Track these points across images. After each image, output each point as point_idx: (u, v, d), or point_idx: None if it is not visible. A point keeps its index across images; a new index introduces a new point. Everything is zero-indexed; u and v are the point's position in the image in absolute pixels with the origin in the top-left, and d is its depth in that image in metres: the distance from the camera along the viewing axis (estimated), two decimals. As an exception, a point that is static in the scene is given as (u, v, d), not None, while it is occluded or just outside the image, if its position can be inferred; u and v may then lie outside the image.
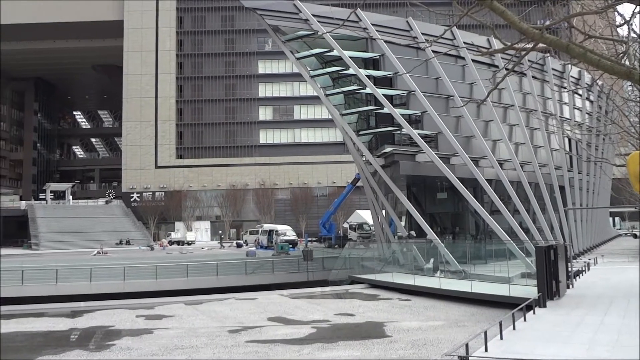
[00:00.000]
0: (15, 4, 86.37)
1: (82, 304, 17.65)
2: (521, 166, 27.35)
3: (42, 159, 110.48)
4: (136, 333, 12.42)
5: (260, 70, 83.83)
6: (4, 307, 16.95)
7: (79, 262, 34.65)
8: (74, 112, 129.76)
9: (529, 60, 28.52)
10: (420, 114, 27.27)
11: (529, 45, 8.45)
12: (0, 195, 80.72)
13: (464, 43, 27.26)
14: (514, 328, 11.31)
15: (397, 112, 25.92)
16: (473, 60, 27.61)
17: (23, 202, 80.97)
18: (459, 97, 26.31)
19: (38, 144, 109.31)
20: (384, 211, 31.60)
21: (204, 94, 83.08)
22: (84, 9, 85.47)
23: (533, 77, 31.76)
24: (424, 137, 25.92)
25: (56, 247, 57.74)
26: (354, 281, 24.42)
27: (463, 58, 28.01)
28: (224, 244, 56.94)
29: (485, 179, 25.50)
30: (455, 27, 20.35)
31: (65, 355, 10.13)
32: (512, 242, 23.02)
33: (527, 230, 26.49)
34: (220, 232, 66.09)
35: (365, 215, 53.78)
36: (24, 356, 10.35)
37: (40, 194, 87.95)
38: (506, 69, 17.12)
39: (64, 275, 27.85)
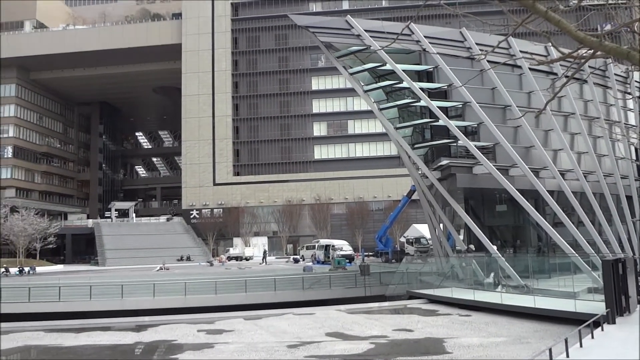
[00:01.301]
0: (81, 33, 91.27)
1: (147, 319, 18.19)
2: (584, 176, 26.32)
3: (107, 178, 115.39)
4: (198, 347, 12.69)
5: (314, 87, 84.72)
6: (75, 321, 17.70)
7: (143, 277, 35.75)
8: (136, 133, 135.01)
9: (589, 67, 27.56)
10: (476, 125, 26.79)
11: (589, 52, 8.19)
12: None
13: (520, 52, 26.69)
14: (580, 345, 10.85)
15: (453, 124, 25.58)
16: (530, 69, 26.95)
17: (90, 220, 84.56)
18: (517, 106, 25.72)
19: (103, 165, 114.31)
20: (441, 225, 31.10)
21: (259, 112, 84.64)
22: (145, 34, 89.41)
23: (595, 83, 30.63)
24: (481, 148, 25.43)
25: (121, 263, 59.86)
26: (412, 296, 24.09)
27: (520, 67, 27.40)
28: (267, 260, 56.90)
29: (547, 190, 24.70)
30: (510, 36, 19.96)
31: (131, 368, 10.46)
32: (576, 255, 22.13)
33: (592, 243, 25.38)
34: (265, 248, 66.12)
35: (422, 229, 53.00)
36: (94, 369, 10.77)
37: (106, 212, 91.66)
38: (566, 77, 16.60)
39: (128, 291, 28.83)
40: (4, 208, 63.30)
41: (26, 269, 48.88)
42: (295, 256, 62.05)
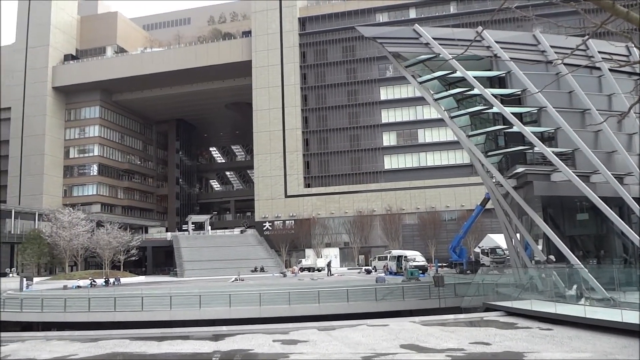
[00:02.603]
0: (157, 55, 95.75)
1: (224, 328, 18.66)
2: (674, 181, 24.69)
3: (183, 193, 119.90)
4: (273, 357, 12.90)
5: (383, 97, 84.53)
6: (157, 329, 18.44)
7: (219, 288, 36.70)
8: (210, 149, 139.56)
9: (677, 65, 25.96)
10: (553, 130, 25.78)
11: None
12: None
13: (599, 52, 25.52)
14: (676, 362, 10.17)
15: (528, 130, 24.76)
16: (610, 70, 25.70)
17: (169, 233, 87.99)
18: (597, 110, 24.57)
19: (180, 180, 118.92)
20: (518, 234, 30.05)
21: (328, 124, 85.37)
22: (216, 53, 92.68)
23: (683, 82, 28.73)
24: (559, 154, 24.43)
25: (198, 275, 61.84)
26: (488, 308, 23.38)
27: (598, 69, 26.19)
28: (331, 272, 56.60)
29: (632, 197, 23.36)
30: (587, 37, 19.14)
31: (211, 377, 10.77)
32: (668, 265, 20.76)
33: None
34: (329, 259, 65.87)
35: (497, 239, 51.44)
36: (176, 376, 11.17)
37: (183, 226, 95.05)
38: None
39: (206, 301, 29.77)
40: (90, 223, 67.04)
41: (111, 280, 51.47)
42: (367, 267, 61.77)
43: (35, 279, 51.42)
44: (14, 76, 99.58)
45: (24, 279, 43.47)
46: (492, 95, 25.74)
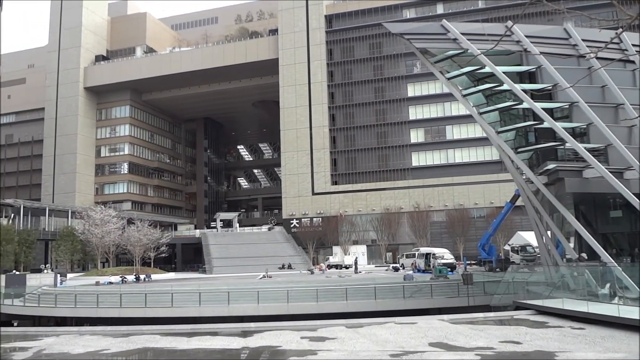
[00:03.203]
0: (186, 55, 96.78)
1: (252, 325, 18.80)
2: None
3: (212, 191, 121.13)
4: (301, 354, 12.94)
5: (410, 93, 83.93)
6: (187, 325, 18.68)
7: (247, 285, 37.00)
8: (238, 147, 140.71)
9: None
10: (585, 126, 25.26)
11: None
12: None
13: (633, 46, 24.88)
14: None
15: (559, 126, 24.30)
16: (645, 63, 25.04)
17: (197, 230, 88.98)
18: (631, 105, 23.96)
19: (208, 178, 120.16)
20: (549, 232, 29.55)
21: (355, 121, 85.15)
22: (243, 52, 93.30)
23: None
24: (591, 150, 23.92)
25: (227, 271, 62.43)
26: (518, 307, 23.04)
27: (633, 62, 25.53)
28: (358, 269, 56.55)
29: (668, 194, 22.74)
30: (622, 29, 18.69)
31: (240, 373, 10.86)
32: None
33: None
34: (356, 257, 65.97)
35: (527, 237, 50.72)
36: (206, 372, 11.29)
37: (212, 223, 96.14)
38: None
39: (234, 298, 30.03)
40: (121, 220, 68.23)
41: (142, 276, 52.34)
42: (394, 264, 61.52)
43: (69, 275, 52.67)
44: (47, 77, 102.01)
45: (58, 275, 44.55)
46: (522, 90, 25.34)
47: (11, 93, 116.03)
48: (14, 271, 55.04)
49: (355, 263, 59.38)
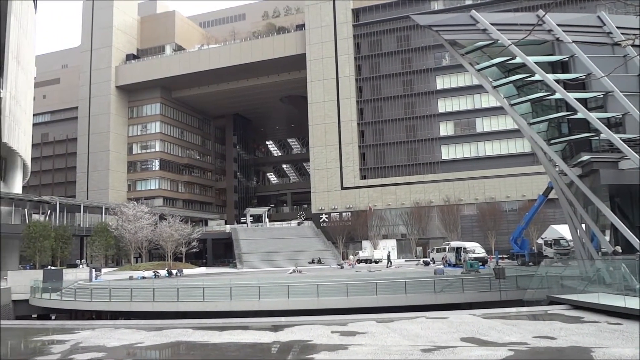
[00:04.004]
0: (214, 52, 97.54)
1: (283, 319, 18.89)
2: None
3: (241, 186, 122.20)
4: (332, 348, 12.94)
5: (439, 86, 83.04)
6: (218, 319, 18.89)
7: (277, 280, 37.19)
8: (267, 142, 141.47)
9: None
10: (621, 116, 24.57)
11: None
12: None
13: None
14: None
15: (594, 116, 23.71)
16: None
17: (228, 226, 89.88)
18: (669, 93, 23.23)
19: (238, 173, 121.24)
20: (583, 225, 28.90)
21: (383, 115, 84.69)
22: (271, 47, 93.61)
23: None
24: (627, 141, 23.26)
25: (257, 266, 62.87)
26: (552, 301, 22.62)
27: (671, 49, 24.69)
28: (390, 264, 56.26)
29: None
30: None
31: (271, 367, 10.91)
32: None
33: None
34: (388, 251, 65.74)
35: (561, 230, 49.77)
36: (237, 365, 11.38)
37: (242, 218, 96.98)
38: None
39: (264, 292, 30.24)
40: (153, 216, 69.34)
41: (174, 271, 53.14)
42: (425, 259, 61.10)
43: (103, 270, 53.76)
44: (80, 77, 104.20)
45: (93, 270, 45.51)
46: (555, 80, 24.77)
47: (46, 93, 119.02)
48: (51, 266, 56.53)
49: (389, 257, 59.26)
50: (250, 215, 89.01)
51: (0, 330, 16.91)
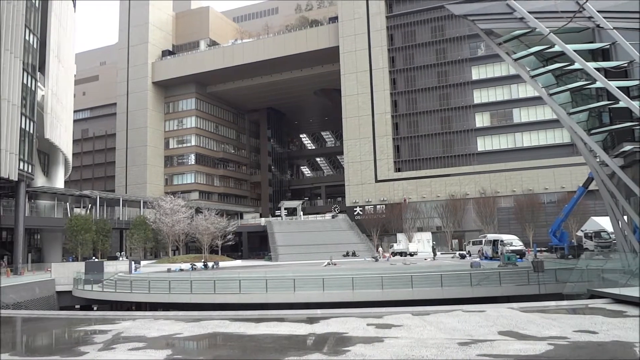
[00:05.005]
0: (247, 46, 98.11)
1: (318, 311, 18.97)
2: None
3: (276, 180, 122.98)
4: (368, 341, 12.95)
5: (474, 77, 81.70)
6: (254, 311, 19.10)
7: (312, 272, 37.36)
8: (301, 135, 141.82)
9: None
10: (665, 104, 23.77)
11: None
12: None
13: None
14: None
15: (637, 105, 22.97)
16: None
17: (262, 219, 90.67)
18: None
19: (272, 167, 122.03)
20: (625, 217, 28.11)
21: (418, 107, 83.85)
22: (304, 41, 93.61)
23: None
24: (672, 130, 22.52)
25: (291, 259, 63.32)
26: (593, 295, 22.10)
27: None
28: (436, 255, 56.03)
29: None
30: None
31: (306, 358, 11.00)
32: None
33: None
34: (433, 242, 65.51)
35: (602, 222, 48.48)
36: (274, 356, 11.52)
37: (276, 211, 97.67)
38: None
39: (299, 285, 30.45)
40: (190, 209, 70.44)
41: (210, 263, 53.97)
42: (461, 252, 60.42)
43: (142, 262, 55.04)
44: (117, 73, 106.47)
45: (133, 262, 46.64)
46: (595, 69, 24.09)
47: (86, 90, 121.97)
48: (93, 257, 58.14)
49: (433, 250, 59.08)
50: (285, 209, 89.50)
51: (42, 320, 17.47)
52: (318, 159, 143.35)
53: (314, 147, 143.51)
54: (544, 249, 53.97)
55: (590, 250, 43.42)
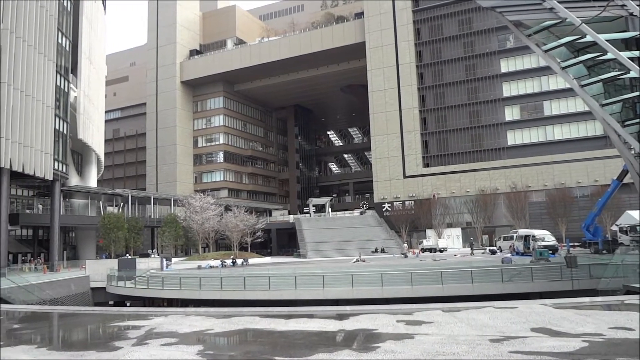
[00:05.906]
0: (274, 44, 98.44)
1: (347, 308, 18.96)
2: None
3: (304, 176, 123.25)
4: (398, 337, 12.87)
5: (503, 69, 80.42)
6: (283, 308, 19.19)
7: (341, 269, 37.37)
8: (328, 132, 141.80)
9: None
10: None
11: None
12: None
13: None
14: None
15: (673, 95, 22.33)
16: None
17: (291, 216, 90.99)
18: None
19: (300, 164, 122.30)
20: (663, 211, 27.37)
21: (446, 101, 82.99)
22: (330, 37, 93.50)
23: None
24: None
25: (320, 256, 63.36)
26: (629, 291, 21.61)
27: None
28: (474, 251, 55.57)
29: None
30: None
31: (336, 355, 11.00)
32: None
33: None
34: (471, 238, 64.99)
35: (637, 216, 47.27)
36: (303, 352, 11.55)
37: (305, 208, 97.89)
38: None
39: (329, 281, 30.52)
40: (219, 207, 71.08)
41: (239, 260, 54.40)
42: (491, 247, 59.65)
43: (173, 259, 55.79)
44: (147, 74, 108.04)
45: (164, 259, 47.34)
46: (629, 58, 23.45)
47: (116, 91, 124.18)
48: (126, 255, 59.20)
49: (471, 246, 58.54)
50: (313, 205, 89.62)
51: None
52: (346, 156, 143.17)
53: (341, 144, 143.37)
54: (577, 244, 52.93)
55: (626, 245, 42.41)
